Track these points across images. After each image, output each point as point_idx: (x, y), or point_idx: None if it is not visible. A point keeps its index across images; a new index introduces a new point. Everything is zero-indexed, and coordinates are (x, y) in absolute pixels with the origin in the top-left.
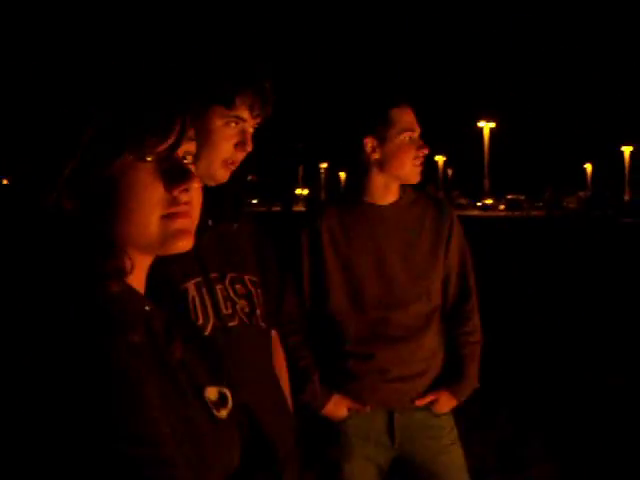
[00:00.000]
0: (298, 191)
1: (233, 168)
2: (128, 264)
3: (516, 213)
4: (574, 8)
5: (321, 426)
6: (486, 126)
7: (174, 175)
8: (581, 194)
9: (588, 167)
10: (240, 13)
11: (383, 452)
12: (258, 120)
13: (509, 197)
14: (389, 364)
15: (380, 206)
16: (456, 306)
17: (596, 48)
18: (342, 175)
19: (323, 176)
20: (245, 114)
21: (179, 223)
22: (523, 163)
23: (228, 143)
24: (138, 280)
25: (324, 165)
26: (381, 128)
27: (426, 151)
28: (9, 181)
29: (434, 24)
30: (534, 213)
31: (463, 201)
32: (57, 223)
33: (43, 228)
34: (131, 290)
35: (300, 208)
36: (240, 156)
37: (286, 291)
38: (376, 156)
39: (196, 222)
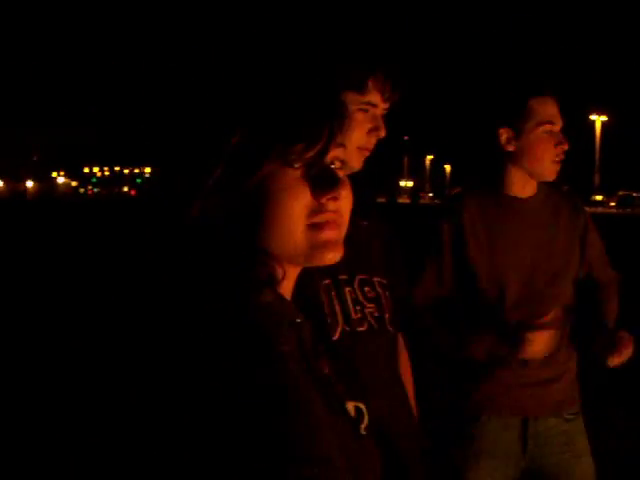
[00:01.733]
0: (402, 183)
1: (367, 154)
2: (280, 272)
3: (628, 210)
4: None
5: (450, 428)
6: (597, 119)
7: (322, 182)
8: None
9: None
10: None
11: (513, 463)
12: (389, 104)
13: (621, 193)
14: (528, 366)
15: (519, 199)
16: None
17: None
18: (447, 168)
19: (428, 168)
20: (377, 99)
21: (327, 234)
22: (637, 157)
23: (361, 129)
24: (287, 290)
25: (429, 157)
26: (517, 119)
27: (566, 147)
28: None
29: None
30: None
31: None
32: (204, 232)
33: (191, 237)
34: (283, 300)
35: (405, 200)
36: (373, 142)
37: (420, 283)
38: (510, 148)
39: (345, 232)
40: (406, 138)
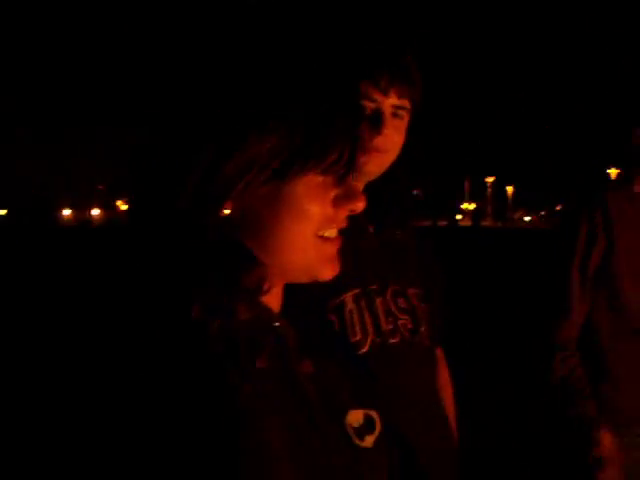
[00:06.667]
0: (464, 205)
1: (379, 153)
2: (266, 285)
3: None
4: None
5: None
6: None
7: (346, 192)
8: None
9: None
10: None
11: None
12: (395, 100)
13: None
14: None
15: None
16: None
17: None
18: (509, 189)
19: (490, 190)
20: (375, 93)
21: (333, 248)
22: None
23: (363, 124)
24: (272, 297)
25: (491, 179)
26: None
27: None
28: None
29: None
30: None
31: None
32: (193, 227)
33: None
34: (260, 307)
35: (467, 223)
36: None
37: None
38: None
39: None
40: (468, 159)
